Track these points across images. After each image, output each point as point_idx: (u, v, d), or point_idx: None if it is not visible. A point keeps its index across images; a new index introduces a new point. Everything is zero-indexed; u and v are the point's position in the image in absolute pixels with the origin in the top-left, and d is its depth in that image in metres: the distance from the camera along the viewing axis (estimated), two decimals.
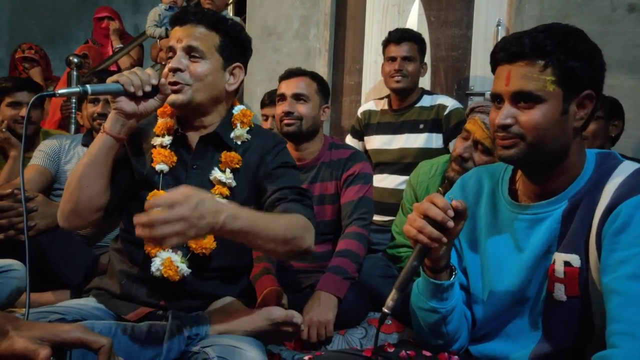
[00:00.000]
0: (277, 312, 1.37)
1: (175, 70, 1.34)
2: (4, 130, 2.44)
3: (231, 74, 1.43)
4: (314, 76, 2.13)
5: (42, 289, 1.95)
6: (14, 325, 0.86)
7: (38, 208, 1.86)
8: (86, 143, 2.36)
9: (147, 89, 1.27)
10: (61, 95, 1.16)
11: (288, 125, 2.04)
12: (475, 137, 1.76)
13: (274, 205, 1.36)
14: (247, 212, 1.13)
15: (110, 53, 4.10)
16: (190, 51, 1.35)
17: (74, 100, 3.26)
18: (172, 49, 1.38)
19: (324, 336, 1.67)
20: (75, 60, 3.30)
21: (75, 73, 3.30)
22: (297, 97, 2.06)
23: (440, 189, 1.89)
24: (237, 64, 1.44)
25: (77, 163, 2.25)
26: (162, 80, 1.30)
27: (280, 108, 2.07)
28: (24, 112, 2.45)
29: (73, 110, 3.27)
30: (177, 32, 1.38)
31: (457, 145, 1.82)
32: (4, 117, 2.47)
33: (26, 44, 4.02)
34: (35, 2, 5.60)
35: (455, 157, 1.80)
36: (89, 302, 1.40)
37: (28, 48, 3.94)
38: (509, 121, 1.04)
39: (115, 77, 1.25)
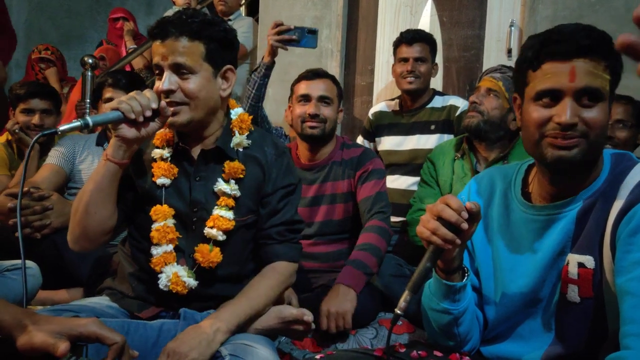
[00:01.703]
0: (288, 311, 1.38)
1: (167, 93, 1.29)
2: (17, 131, 2.47)
3: (223, 77, 1.38)
4: (334, 79, 2.14)
5: (57, 287, 1.98)
6: (32, 319, 0.88)
7: (53, 207, 1.89)
8: (100, 143, 2.38)
9: (148, 114, 1.23)
10: (63, 131, 1.13)
11: (313, 128, 2.03)
12: (486, 87, 2.00)
13: (264, 243, 1.45)
14: (237, 314, 1.28)
15: (124, 54, 4.14)
16: (178, 68, 1.28)
17: (87, 101, 3.30)
18: (158, 67, 1.31)
19: (342, 327, 1.67)
20: (90, 61, 3.33)
21: (89, 74, 3.33)
22: (323, 99, 2.05)
23: (457, 154, 2.08)
24: (228, 66, 1.38)
25: (91, 163, 2.30)
26: (162, 103, 1.26)
27: (303, 109, 2.06)
28: (36, 119, 2.48)
29: (87, 111, 3.31)
30: (159, 48, 1.29)
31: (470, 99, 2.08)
32: (19, 123, 2.50)
33: (43, 45, 4.06)
34: (51, 3, 5.67)
35: (469, 104, 2.05)
36: (102, 301, 1.41)
37: (45, 49, 3.98)
38: (576, 119, 1.01)
39: (114, 103, 1.22)
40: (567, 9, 2.74)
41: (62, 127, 1.13)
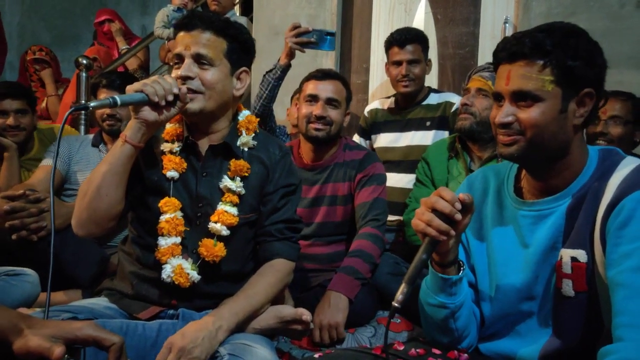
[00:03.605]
0: (287, 310, 1.39)
1: (185, 78, 1.33)
2: None
3: (238, 78, 1.43)
4: (344, 81, 2.11)
5: (54, 289, 1.97)
6: (27, 323, 0.88)
7: (49, 209, 1.88)
8: (96, 144, 2.37)
9: (170, 98, 1.27)
10: (94, 107, 1.20)
11: (318, 130, 2.00)
12: (476, 87, 2.00)
13: (264, 240, 1.47)
14: (236, 312, 1.28)
15: (117, 55, 4.12)
16: (199, 59, 1.34)
17: (82, 102, 3.29)
18: (179, 56, 1.36)
19: (335, 338, 1.68)
20: (84, 61, 3.32)
21: (84, 74, 3.31)
22: (331, 101, 2.02)
23: (451, 154, 2.09)
24: (244, 68, 1.44)
25: (87, 164, 2.29)
26: (183, 88, 1.30)
27: (309, 109, 2.02)
28: (10, 120, 2.41)
29: (82, 111, 3.29)
30: (185, 38, 1.36)
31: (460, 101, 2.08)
32: None
33: (36, 46, 4.04)
34: (44, 4, 5.65)
35: (460, 106, 2.05)
36: (100, 302, 1.42)
37: (39, 50, 3.96)
38: (509, 119, 1.07)
39: (138, 86, 1.25)
40: (560, 5, 2.75)
41: (92, 103, 1.19)
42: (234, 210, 1.39)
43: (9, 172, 2.37)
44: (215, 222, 1.37)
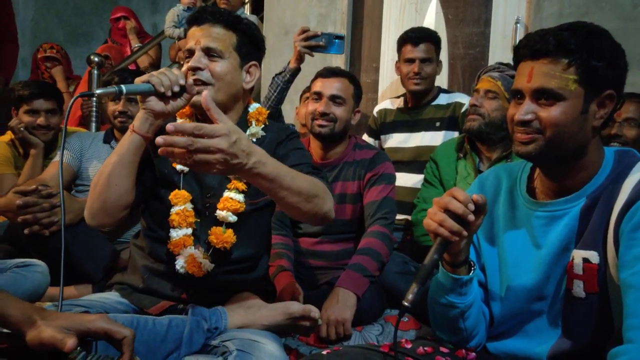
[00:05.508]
0: (295, 307, 1.39)
1: (195, 69, 1.36)
2: (21, 129, 2.47)
3: (247, 72, 1.46)
4: (352, 79, 2.12)
5: (65, 284, 1.99)
6: (41, 315, 0.89)
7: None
8: (107, 141, 2.39)
9: (176, 89, 1.29)
10: (99, 95, 1.21)
11: (321, 126, 2.03)
12: (485, 88, 1.99)
13: None
14: (275, 161, 1.14)
15: (129, 52, 4.15)
16: (209, 52, 1.38)
17: (94, 99, 3.31)
18: (190, 52, 1.39)
19: (342, 334, 1.68)
20: (96, 59, 3.34)
21: (96, 72, 3.34)
22: (334, 98, 2.04)
23: (459, 154, 2.08)
24: (253, 62, 1.47)
25: (98, 161, 2.32)
26: (189, 80, 1.33)
27: (314, 106, 2.06)
28: (41, 120, 2.48)
29: (93, 109, 3.32)
30: (195, 32, 1.40)
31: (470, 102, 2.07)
32: (23, 123, 2.50)
33: (47, 44, 4.08)
34: (57, 1, 5.70)
35: (469, 107, 2.04)
36: (111, 296, 1.44)
37: (50, 48, 4.00)
38: (529, 117, 1.06)
39: (145, 77, 1.27)
40: (572, 5, 2.72)
41: (98, 91, 1.21)
42: (239, 197, 1.40)
43: (32, 169, 2.44)
44: (222, 210, 1.39)
